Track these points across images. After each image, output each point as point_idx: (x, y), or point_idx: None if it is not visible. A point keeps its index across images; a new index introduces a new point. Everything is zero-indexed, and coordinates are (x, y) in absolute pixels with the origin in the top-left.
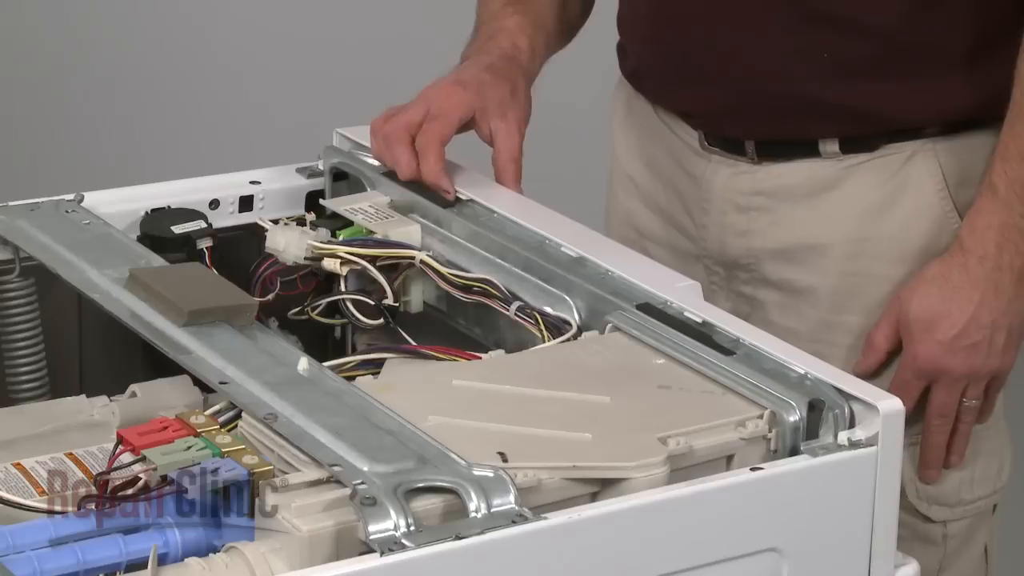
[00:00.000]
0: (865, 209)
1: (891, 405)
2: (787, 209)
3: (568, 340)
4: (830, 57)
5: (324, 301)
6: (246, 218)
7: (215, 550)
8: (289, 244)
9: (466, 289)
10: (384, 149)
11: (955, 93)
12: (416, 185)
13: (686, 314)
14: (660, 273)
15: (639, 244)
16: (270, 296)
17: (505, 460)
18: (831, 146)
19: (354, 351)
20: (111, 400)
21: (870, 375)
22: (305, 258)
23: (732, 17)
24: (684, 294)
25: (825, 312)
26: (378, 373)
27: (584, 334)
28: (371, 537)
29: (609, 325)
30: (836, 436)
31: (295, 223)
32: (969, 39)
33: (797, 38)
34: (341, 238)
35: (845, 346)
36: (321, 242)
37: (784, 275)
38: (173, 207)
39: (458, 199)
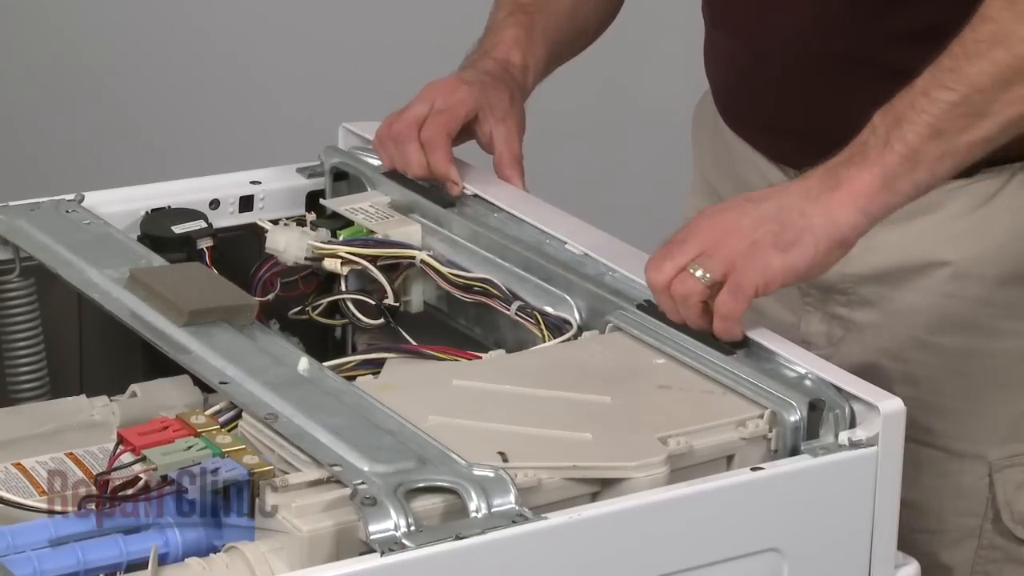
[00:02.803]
0: (962, 231)
1: (892, 405)
2: (882, 233)
3: (568, 340)
4: None
5: (325, 301)
6: (246, 218)
7: (215, 550)
8: (289, 244)
9: (466, 289)
10: (394, 150)
11: None
12: (416, 185)
13: None
14: None
15: None
16: (270, 296)
17: (505, 460)
18: None
19: (354, 351)
20: (111, 400)
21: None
22: (306, 258)
23: (813, 74)
24: None
25: (920, 332)
26: (378, 373)
27: (585, 334)
28: (371, 537)
29: (610, 325)
30: (837, 436)
31: (295, 223)
32: None
33: (880, 92)
34: (341, 238)
35: (938, 367)
36: (321, 242)
37: (882, 295)
38: (173, 207)
39: (463, 194)
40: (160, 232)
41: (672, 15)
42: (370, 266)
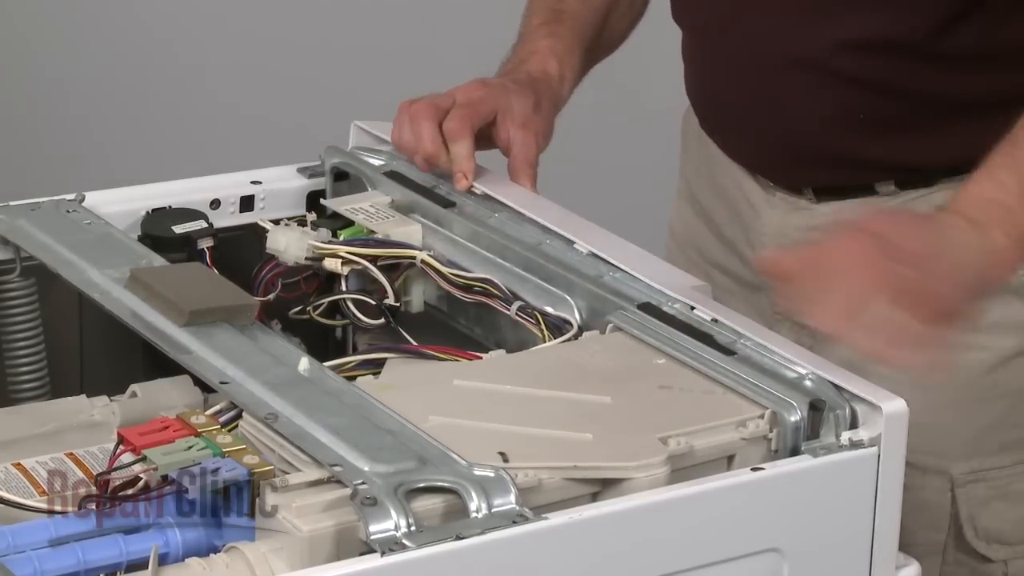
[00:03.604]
0: None
1: (895, 406)
2: None
3: (569, 340)
4: (867, 118)
5: (325, 301)
6: (247, 218)
7: (216, 550)
8: (290, 245)
9: (467, 289)
10: (406, 124)
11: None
12: (417, 185)
13: (695, 312)
14: (671, 273)
15: (702, 268)
16: (271, 296)
17: (506, 460)
18: (888, 187)
19: (355, 351)
20: (111, 400)
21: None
22: (306, 258)
23: (772, 83)
24: (695, 296)
25: None
26: (379, 373)
27: (585, 334)
28: (372, 537)
29: (610, 325)
30: (838, 436)
31: (295, 223)
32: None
33: (834, 100)
34: (342, 238)
35: (904, 380)
36: (322, 242)
37: None
38: (174, 207)
39: (464, 194)
40: (161, 232)
41: (667, 15)
42: (370, 266)
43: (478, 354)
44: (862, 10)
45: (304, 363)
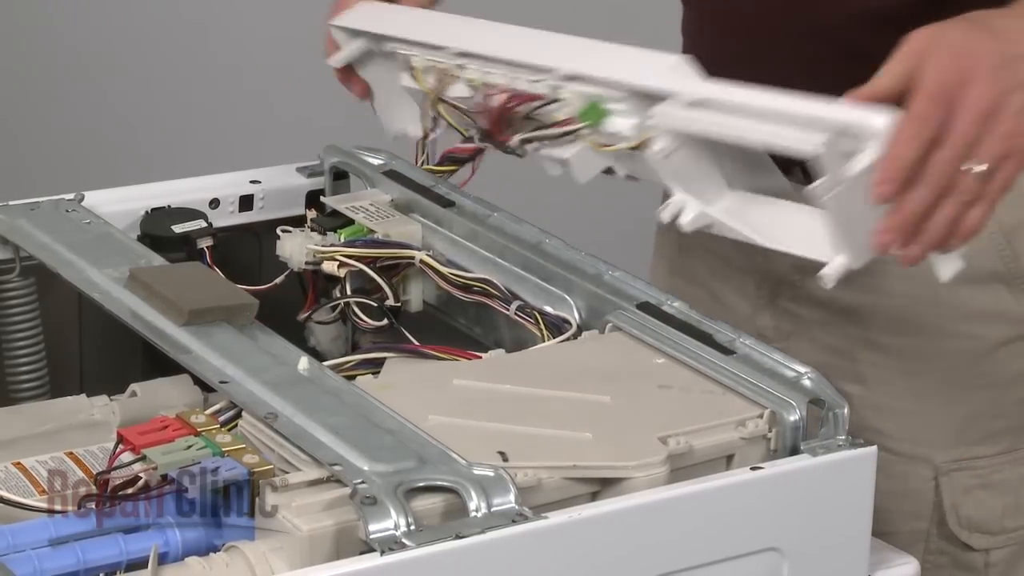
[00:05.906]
0: None
1: None
2: None
3: (568, 339)
4: None
5: (327, 304)
6: (246, 217)
7: (215, 549)
8: (294, 250)
9: (466, 289)
10: None
11: None
12: (416, 184)
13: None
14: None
15: (693, 248)
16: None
17: (505, 459)
18: None
19: (355, 350)
20: (111, 399)
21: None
22: (306, 262)
23: (781, 54)
24: None
25: (869, 331)
26: (378, 372)
27: (584, 333)
28: (371, 536)
29: (609, 324)
30: (836, 435)
31: (309, 228)
32: None
33: (844, 73)
34: (343, 238)
35: (886, 367)
36: (320, 245)
37: (831, 292)
38: (173, 206)
39: (461, 194)
40: (160, 231)
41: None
42: (367, 269)
43: (477, 354)
44: None
45: (304, 363)
